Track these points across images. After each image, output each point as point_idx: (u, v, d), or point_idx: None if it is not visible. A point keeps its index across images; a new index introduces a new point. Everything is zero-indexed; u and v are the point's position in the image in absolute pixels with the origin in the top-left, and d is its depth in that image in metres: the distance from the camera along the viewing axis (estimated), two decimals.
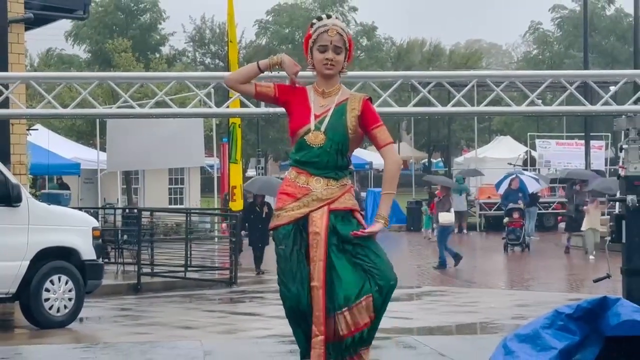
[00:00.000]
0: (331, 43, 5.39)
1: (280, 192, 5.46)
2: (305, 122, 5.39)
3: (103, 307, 14.81)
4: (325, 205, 5.32)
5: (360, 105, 5.41)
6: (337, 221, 5.32)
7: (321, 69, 5.42)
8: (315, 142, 5.35)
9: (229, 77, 5.74)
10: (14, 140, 15.82)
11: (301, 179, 5.38)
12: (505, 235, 24.85)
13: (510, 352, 4.01)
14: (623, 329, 3.91)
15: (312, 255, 5.28)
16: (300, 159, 5.40)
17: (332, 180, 5.37)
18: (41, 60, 56.64)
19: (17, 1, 16.05)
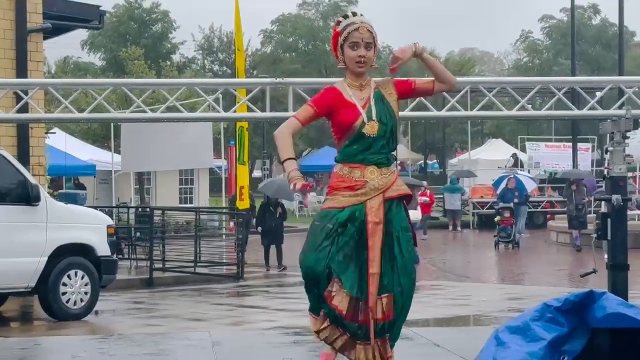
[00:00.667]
0: (362, 40, 5.29)
1: (332, 188, 5.32)
2: (356, 116, 5.28)
3: (117, 301, 14.81)
4: (381, 194, 5.25)
5: (394, 88, 5.41)
6: (392, 208, 5.26)
7: (354, 66, 5.32)
8: (372, 131, 5.25)
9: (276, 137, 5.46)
10: (33, 143, 15.84)
11: (356, 173, 5.27)
12: (497, 233, 24.71)
13: (502, 342, 4.01)
14: (608, 321, 3.91)
15: (370, 243, 5.20)
16: (357, 149, 5.27)
17: (384, 168, 5.29)
18: (58, 67, 56.64)
19: (36, 12, 16.05)
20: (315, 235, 5.25)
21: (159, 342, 8.47)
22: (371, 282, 5.19)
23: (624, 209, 9.08)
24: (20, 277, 12.03)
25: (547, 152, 36.89)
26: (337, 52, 5.40)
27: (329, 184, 5.41)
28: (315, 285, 5.24)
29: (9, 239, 11.82)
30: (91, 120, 11.13)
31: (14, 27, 15.70)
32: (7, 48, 15.63)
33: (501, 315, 12.43)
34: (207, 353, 7.57)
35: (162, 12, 55.18)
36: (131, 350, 7.94)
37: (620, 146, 8.98)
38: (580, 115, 9.85)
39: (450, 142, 57.80)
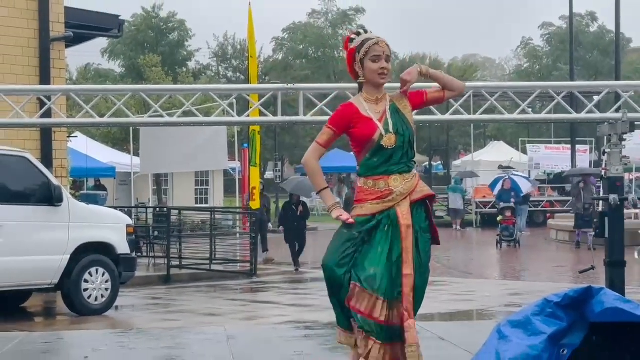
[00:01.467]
0: (384, 53, 5.26)
1: (360, 201, 5.27)
2: (374, 129, 5.23)
3: (136, 297, 14.82)
4: (407, 198, 5.22)
5: (407, 100, 5.37)
6: (414, 211, 5.23)
7: (377, 78, 5.27)
8: (391, 143, 5.20)
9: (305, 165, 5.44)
10: (55, 147, 15.88)
11: (381, 184, 5.22)
12: (500, 232, 24.49)
13: (504, 336, 4.00)
14: (606, 315, 3.90)
15: (404, 246, 5.15)
16: (378, 162, 5.23)
17: (406, 174, 5.25)
18: (80, 74, 56.75)
19: (59, 21, 16.10)
20: (340, 240, 5.20)
21: (176, 336, 8.48)
22: (405, 283, 5.13)
23: (621, 208, 9.06)
24: (44, 274, 12.06)
25: (547, 154, 36.86)
26: (356, 67, 5.34)
27: (356, 199, 5.34)
28: (338, 289, 5.16)
29: (33, 238, 11.85)
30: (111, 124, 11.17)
31: (37, 36, 15.76)
32: (31, 56, 15.68)
33: (503, 310, 12.41)
34: (222, 347, 7.57)
35: (179, 21, 55.20)
36: (149, 344, 7.95)
37: (617, 148, 8.96)
38: (578, 119, 9.84)
39: (454, 145, 57.67)
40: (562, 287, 14.52)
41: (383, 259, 5.12)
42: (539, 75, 59.27)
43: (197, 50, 56.70)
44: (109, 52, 55.33)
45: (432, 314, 12.38)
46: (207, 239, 19.40)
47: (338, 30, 58.26)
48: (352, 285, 5.10)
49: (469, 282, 16.75)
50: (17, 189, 12.05)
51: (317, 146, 5.34)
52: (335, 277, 5.14)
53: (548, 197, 35.47)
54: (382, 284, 5.08)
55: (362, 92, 5.37)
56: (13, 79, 15.06)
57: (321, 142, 5.33)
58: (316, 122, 9.40)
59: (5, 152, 12.09)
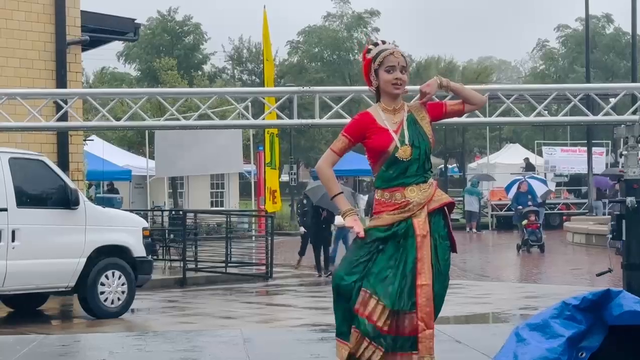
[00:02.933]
0: (398, 64, 5.21)
1: (377, 213, 5.21)
2: (389, 141, 5.17)
3: (152, 300, 14.85)
4: (424, 207, 5.16)
5: (426, 112, 5.30)
6: (432, 219, 5.17)
7: (390, 89, 5.22)
8: (406, 155, 5.14)
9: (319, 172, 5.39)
10: (72, 150, 15.95)
11: (397, 196, 5.17)
12: (527, 237, 23.72)
13: (522, 339, 3.99)
14: (625, 318, 3.87)
15: (419, 255, 5.08)
16: (393, 174, 5.18)
17: (422, 184, 5.19)
18: (96, 77, 56.99)
19: (75, 25, 16.18)
20: (354, 251, 5.18)
21: (193, 339, 8.49)
22: (419, 294, 5.05)
23: (638, 210, 9.03)
24: (60, 277, 12.10)
25: (563, 156, 36.76)
26: (371, 77, 5.31)
27: (374, 211, 5.29)
28: (345, 299, 5.10)
29: (50, 241, 11.89)
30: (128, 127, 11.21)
31: (54, 40, 15.84)
32: (48, 60, 15.76)
33: (519, 313, 12.37)
34: (239, 349, 7.58)
35: (194, 25, 55.33)
36: (166, 346, 7.96)
37: (634, 150, 8.95)
38: (595, 121, 9.81)
39: (469, 147, 57.54)
40: (578, 289, 14.48)
41: (395, 269, 5.07)
42: (555, 77, 59.07)
43: (213, 54, 56.83)
44: (124, 56, 55.50)
45: (448, 317, 12.35)
46: (222, 242, 19.41)
47: (353, 33, 58.23)
48: (362, 292, 5.05)
49: (485, 285, 16.69)
50: (34, 192, 12.09)
51: (331, 153, 5.32)
52: (343, 285, 5.08)
53: (564, 200, 35.36)
54: (391, 293, 5.02)
55: (379, 101, 5.34)
56: (30, 82, 15.14)
57: (335, 150, 5.30)
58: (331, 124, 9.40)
59: (22, 156, 12.14)
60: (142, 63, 53.92)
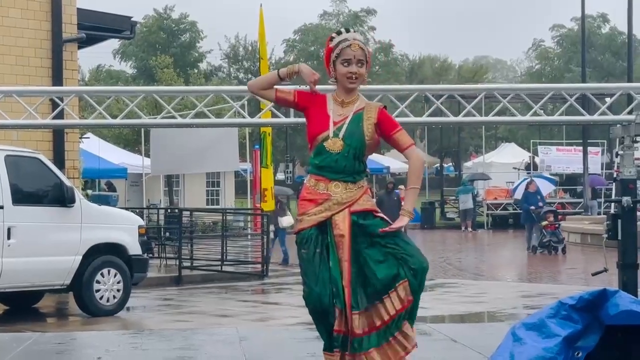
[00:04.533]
0: (354, 57, 5.14)
1: (301, 199, 5.21)
2: (324, 128, 5.12)
3: (148, 298, 14.84)
4: (346, 208, 5.08)
5: (376, 114, 5.16)
6: (360, 219, 5.08)
7: (345, 82, 5.16)
8: (334, 148, 5.08)
9: (251, 83, 5.49)
10: (68, 148, 15.94)
11: (320, 186, 5.11)
12: (548, 238, 22.77)
13: (519, 339, 3.99)
14: (621, 318, 3.88)
15: (340, 256, 5.05)
16: (319, 164, 5.14)
17: (350, 184, 5.11)
18: (92, 75, 56.96)
19: (71, 23, 16.16)
20: (310, 264, 5.08)
21: (189, 337, 8.49)
22: (346, 294, 5.03)
23: (633, 210, 9.04)
24: (56, 275, 12.09)
25: (559, 156, 36.78)
26: (330, 67, 5.28)
27: (299, 196, 5.30)
28: (324, 318, 5.07)
29: (45, 238, 11.88)
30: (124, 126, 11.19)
31: (50, 37, 15.82)
32: (44, 57, 15.75)
33: (515, 312, 12.39)
34: (235, 348, 7.57)
35: (190, 23, 55.34)
36: (162, 345, 7.95)
37: (630, 150, 8.94)
38: (591, 121, 9.80)
39: (465, 146, 57.57)
40: (573, 289, 14.51)
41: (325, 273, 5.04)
42: (550, 76, 59.15)
43: (209, 52, 56.84)
44: (120, 54, 55.51)
45: (443, 316, 12.38)
46: (218, 240, 19.41)
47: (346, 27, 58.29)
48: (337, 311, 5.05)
49: (480, 284, 16.71)
50: (30, 190, 12.09)
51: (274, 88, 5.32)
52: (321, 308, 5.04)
53: (560, 199, 35.41)
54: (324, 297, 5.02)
55: (335, 90, 5.29)
56: (26, 80, 15.13)
57: (278, 88, 5.32)
58: None
59: (18, 153, 12.13)
60: (138, 61, 53.92)
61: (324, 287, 5.02)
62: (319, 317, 5.08)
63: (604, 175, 35.28)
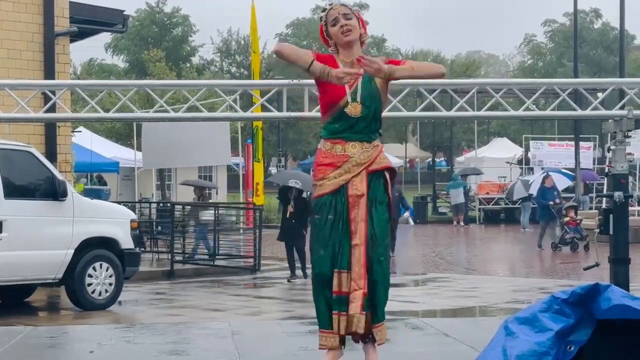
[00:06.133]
0: (339, 14, 5.26)
1: (318, 164, 5.24)
2: (341, 94, 5.17)
3: (140, 292, 14.83)
4: (364, 169, 5.17)
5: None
6: (371, 183, 5.18)
7: (341, 38, 5.25)
8: (355, 112, 5.16)
9: (283, 51, 5.28)
10: (60, 141, 15.90)
11: (337, 148, 5.19)
12: (571, 234, 21.94)
13: (511, 333, 4.00)
14: (613, 312, 3.89)
15: (353, 215, 5.11)
16: (339, 128, 5.20)
17: (366, 143, 5.20)
18: (84, 69, 56.81)
19: (63, 16, 16.11)
20: (322, 229, 5.16)
21: (181, 331, 8.48)
22: (353, 253, 5.09)
23: (625, 205, 9.07)
24: (48, 268, 12.07)
25: (550, 151, 36.82)
26: (326, 37, 5.38)
27: (315, 161, 5.34)
28: (328, 285, 5.14)
29: (37, 232, 11.87)
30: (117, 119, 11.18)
31: (42, 30, 15.78)
32: (36, 50, 15.70)
33: (506, 307, 12.41)
34: (227, 342, 7.57)
35: (182, 17, 55.27)
36: (154, 338, 7.94)
37: (622, 145, 8.97)
38: (583, 116, 9.82)
39: (457, 141, 57.65)
40: (564, 283, 14.56)
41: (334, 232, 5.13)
42: (543, 72, 59.23)
43: (201, 46, 56.78)
44: (112, 47, 55.41)
45: (435, 310, 12.40)
46: (210, 235, 19.40)
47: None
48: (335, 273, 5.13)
49: (472, 279, 16.74)
50: (22, 184, 12.06)
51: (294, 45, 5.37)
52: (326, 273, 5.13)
53: None
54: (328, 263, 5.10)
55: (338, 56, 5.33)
56: (17, 73, 15.08)
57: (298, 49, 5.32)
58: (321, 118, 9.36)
59: (10, 147, 12.10)
60: (131, 55, 53.84)
61: (330, 253, 5.11)
62: (322, 284, 5.15)
63: (596, 170, 35.34)
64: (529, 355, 3.90)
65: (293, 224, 16.36)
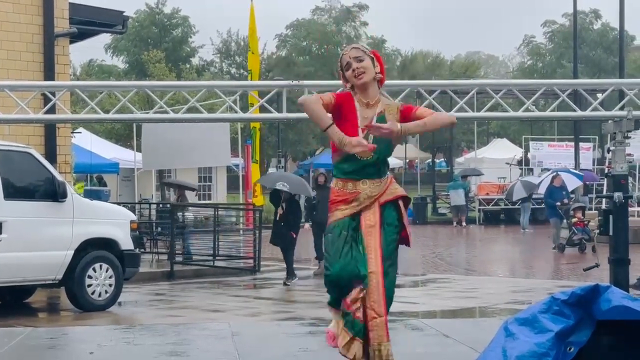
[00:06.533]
0: (350, 57, 5.34)
1: (331, 203, 5.37)
2: (354, 135, 5.20)
3: (140, 292, 14.82)
4: (375, 201, 5.28)
5: (397, 114, 5.32)
6: (384, 212, 5.30)
7: (354, 81, 5.33)
8: (364, 155, 5.23)
9: (306, 107, 5.25)
10: (59, 142, 15.90)
11: (349, 186, 5.31)
12: (579, 235, 21.57)
13: (511, 334, 4.00)
14: (613, 313, 3.90)
15: (367, 243, 5.23)
16: (348, 169, 5.31)
17: (377, 179, 5.33)
18: (83, 70, 56.76)
19: (63, 17, 16.11)
20: (334, 244, 5.26)
21: (181, 332, 8.49)
22: (370, 279, 5.17)
23: (625, 205, 9.08)
24: (47, 269, 12.07)
25: (550, 152, 36.82)
26: (343, 81, 5.49)
27: (330, 199, 5.44)
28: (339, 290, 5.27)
29: (37, 233, 11.86)
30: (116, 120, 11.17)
31: (42, 32, 15.77)
32: (36, 52, 15.70)
33: (506, 308, 12.40)
34: (227, 342, 7.58)
35: (182, 18, 55.23)
36: (154, 339, 7.95)
37: (621, 146, 8.98)
38: (583, 116, 9.83)
39: (457, 142, 57.62)
40: (564, 284, 14.55)
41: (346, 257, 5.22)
42: (542, 72, 59.21)
43: (201, 47, 56.73)
44: (112, 48, 55.35)
45: (435, 311, 12.39)
46: (210, 235, 19.40)
47: (341, 26, 58.24)
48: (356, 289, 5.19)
49: (472, 279, 16.73)
50: (22, 185, 12.05)
51: (319, 98, 5.31)
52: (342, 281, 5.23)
53: None
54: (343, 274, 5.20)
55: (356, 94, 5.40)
56: (17, 74, 15.08)
57: (323, 98, 5.30)
58: None
59: (10, 148, 12.09)
60: (130, 56, 53.78)
61: (344, 262, 5.20)
62: (334, 287, 5.28)
63: (596, 171, 35.34)
64: (529, 356, 3.91)
65: (282, 226, 16.31)
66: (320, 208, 16.32)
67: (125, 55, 54.96)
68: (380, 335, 5.14)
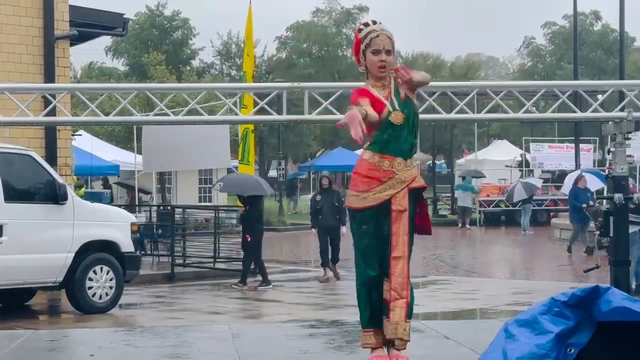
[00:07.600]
0: (383, 47, 5.41)
1: (362, 175, 5.44)
2: (382, 107, 5.38)
3: (140, 295, 14.83)
4: (406, 187, 5.40)
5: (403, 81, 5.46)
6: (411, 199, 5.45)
7: (376, 71, 5.44)
8: (398, 119, 5.37)
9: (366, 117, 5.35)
10: (60, 145, 15.91)
11: (385, 163, 5.39)
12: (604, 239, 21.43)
13: (511, 335, 4.00)
14: (614, 314, 3.89)
15: (394, 229, 5.36)
16: (387, 138, 5.39)
17: (408, 161, 5.45)
18: (84, 72, 56.76)
19: (63, 20, 16.12)
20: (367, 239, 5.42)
21: (181, 334, 8.48)
22: (393, 265, 5.37)
23: (625, 207, 9.08)
24: (48, 272, 12.08)
25: (551, 153, 36.82)
26: (360, 57, 5.51)
27: (356, 171, 5.48)
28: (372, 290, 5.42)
29: (38, 236, 11.87)
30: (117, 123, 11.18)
31: (42, 34, 15.78)
32: (36, 54, 15.70)
33: (507, 309, 12.41)
34: (228, 345, 7.57)
35: (182, 20, 55.22)
36: (155, 342, 7.94)
37: (622, 147, 8.98)
38: (583, 118, 9.84)
39: (457, 143, 57.63)
40: (565, 286, 14.54)
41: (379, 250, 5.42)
42: (543, 74, 59.21)
43: (201, 49, 56.72)
44: (112, 51, 55.34)
45: (436, 313, 12.39)
46: (211, 237, 19.41)
47: (342, 28, 58.22)
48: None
49: (472, 281, 16.74)
50: (22, 187, 12.07)
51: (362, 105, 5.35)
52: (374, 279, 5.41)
53: (552, 196, 35.47)
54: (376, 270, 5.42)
55: (368, 79, 5.54)
56: (17, 77, 15.09)
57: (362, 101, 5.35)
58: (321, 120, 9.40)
59: (10, 150, 12.11)
60: (131, 58, 53.78)
61: (378, 262, 5.41)
62: (370, 287, 5.44)
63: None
64: (529, 358, 3.90)
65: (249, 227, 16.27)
66: (325, 212, 16.39)
67: (126, 58, 54.95)
68: (399, 314, 5.39)
